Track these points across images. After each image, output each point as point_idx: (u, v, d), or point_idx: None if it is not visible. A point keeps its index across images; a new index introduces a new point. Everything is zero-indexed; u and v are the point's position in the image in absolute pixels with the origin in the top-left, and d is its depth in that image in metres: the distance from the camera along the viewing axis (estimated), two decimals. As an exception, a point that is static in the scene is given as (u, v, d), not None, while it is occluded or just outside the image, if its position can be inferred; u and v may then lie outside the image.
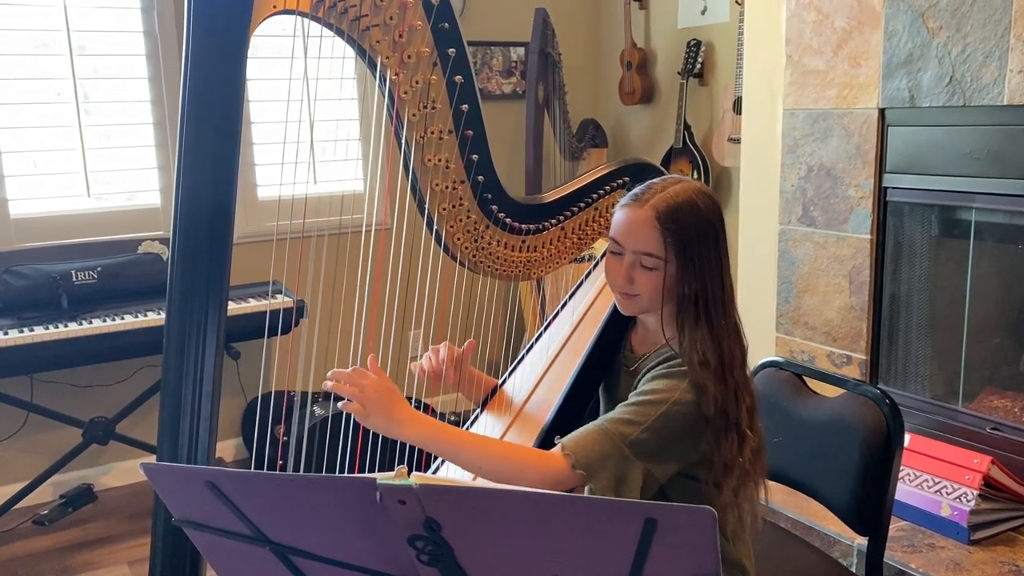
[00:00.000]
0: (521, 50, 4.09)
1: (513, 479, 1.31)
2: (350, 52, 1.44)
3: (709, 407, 1.35)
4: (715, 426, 1.35)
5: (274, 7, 1.31)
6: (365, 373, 1.34)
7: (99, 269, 3.12)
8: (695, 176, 3.69)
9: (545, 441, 1.49)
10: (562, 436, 1.38)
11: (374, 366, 1.38)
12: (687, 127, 3.73)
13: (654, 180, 1.45)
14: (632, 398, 1.39)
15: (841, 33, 2.65)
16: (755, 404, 1.41)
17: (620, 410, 1.38)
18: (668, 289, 1.40)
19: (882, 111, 2.58)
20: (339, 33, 1.40)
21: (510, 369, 1.72)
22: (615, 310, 1.53)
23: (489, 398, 1.67)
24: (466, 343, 1.63)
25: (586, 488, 1.31)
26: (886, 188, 2.62)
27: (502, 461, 1.34)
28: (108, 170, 3.33)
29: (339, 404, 1.33)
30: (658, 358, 1.43)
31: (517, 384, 1.67)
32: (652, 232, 1.38)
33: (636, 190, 1.44)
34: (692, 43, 3.70)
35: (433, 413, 3.60)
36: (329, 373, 1.35)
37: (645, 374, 1.43)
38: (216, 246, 1.31)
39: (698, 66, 3.70)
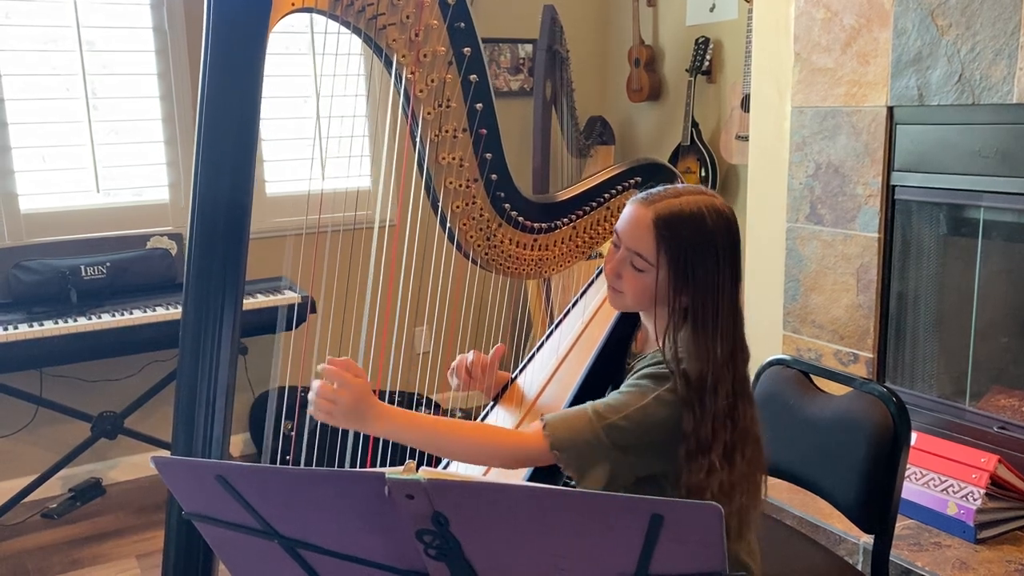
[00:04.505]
0: (529, 47, 4.09)
1: (488, 458, 1.33)
2: (357, 49, 1.45)
3: (687, 423, 1.33)
4: (687, 444, 1.33)
5: (293, 4, 1.31)
6: (331, 380, 1.30)
7: (108, 264, 3.14)
8: (702, 173, 3.69)
9: None
10: None
11: (348, 365, 1.32)
12: (695, 124, 3.73)
13: (676, 185, 1.44)
14: (618, 389, 1.40)
15: (850, 31, 2.64)
16: (737, 439, 1.35)
17: (605, 398, 1.39)
18: (659, 296, 1.38)
19: (891, 109, 2.57)
20: (356, 31, 1.41)
21: (521, 365, 1.73)
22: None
23: (501, 393, 1.68)
24: (495, 349, 1.64)
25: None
26: (894, 186, 2.62)
27: (476, 440, 1.34)
28: (117, 165, 3.34)
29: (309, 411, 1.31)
30: (650, 360, 1.43)
31: (529, 380, 1.68)
32: (647, 235, 1.37)
33: (654, 189, 1.42)
34: (700, 40, 3.70)
35: (437, 409, 3.61)
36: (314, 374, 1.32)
37: (635, 372, 1.43)
38: (232, 241, 1.32)
39: (706, 63, 3.69)
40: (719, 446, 1.33)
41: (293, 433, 3.13)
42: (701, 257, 1.35)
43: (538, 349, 1.74)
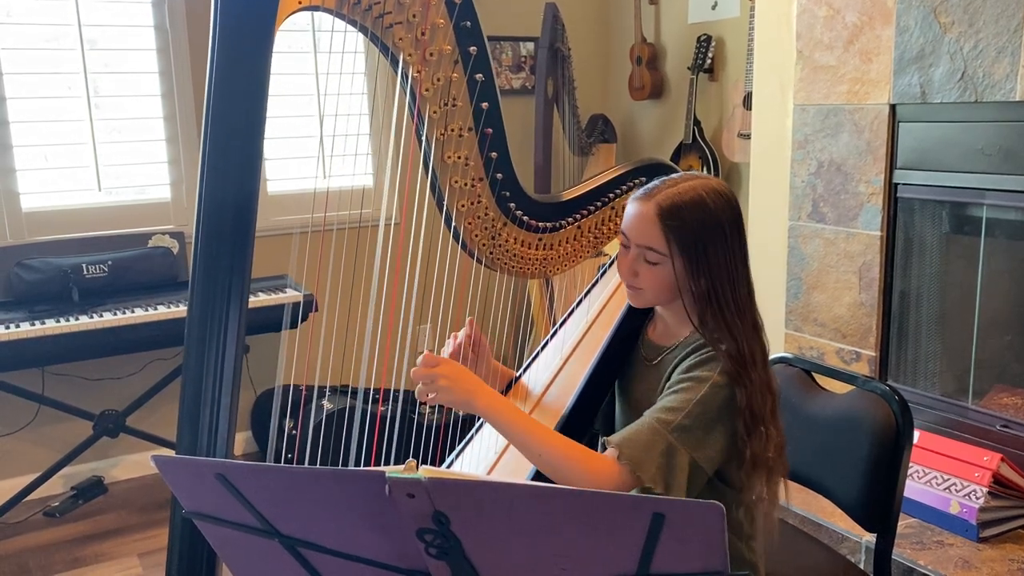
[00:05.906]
0: (531, 45, 4.09)
1: (566, 477, 1.31)
2: (360, 47, 1.45)
3: (740, 398, 1.35)
4: (743, 418, 1.36)
5: (299, 2, 1.31)
6: (436, 359, 1.36)
7: (110, 263, 3.14)
8: (704, 172, 3.69)
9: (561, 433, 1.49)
10: (577, 431, 1.37)
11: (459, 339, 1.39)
12: (697, 123, 3.73)
13: (669, 176, 1.45)
14: (669, 389, 1.40)
15: (852, 28, 2.64)
16: (777, 403, 1.41)
17: (660, 402, 1.39)
18: (679, 284, 1.40)
19: (893, 107, 2.57)
20: (362, 30, 1.41)
21: (526, 364, 1.73)
22: (631, 306, 1.54)
23: (506, 391, 1.67)
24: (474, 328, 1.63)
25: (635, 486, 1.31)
26: (897, 184, 2.62)
27: (561, 457, 1.33)
28: (119, 164, 3.34)
29: (418, 395, 1.37)
30: (687, 348, 1.43)
31: (533, 378, 1.67)
32: (653, 227, 1.38)
33: (649, 185, 1.44)
34: (702, 38, 3.69)
35: (437, 408, 3.60)
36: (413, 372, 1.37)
37: (677, 365, 1.43)
38: (239, 238, 1.32)
39: (708, 61, 3.69)
40: (768, 413, 1.37)
41: (296, 432, 3.13)
42: (710, 238, 1.38)
43: (543, 347, 1.74)
